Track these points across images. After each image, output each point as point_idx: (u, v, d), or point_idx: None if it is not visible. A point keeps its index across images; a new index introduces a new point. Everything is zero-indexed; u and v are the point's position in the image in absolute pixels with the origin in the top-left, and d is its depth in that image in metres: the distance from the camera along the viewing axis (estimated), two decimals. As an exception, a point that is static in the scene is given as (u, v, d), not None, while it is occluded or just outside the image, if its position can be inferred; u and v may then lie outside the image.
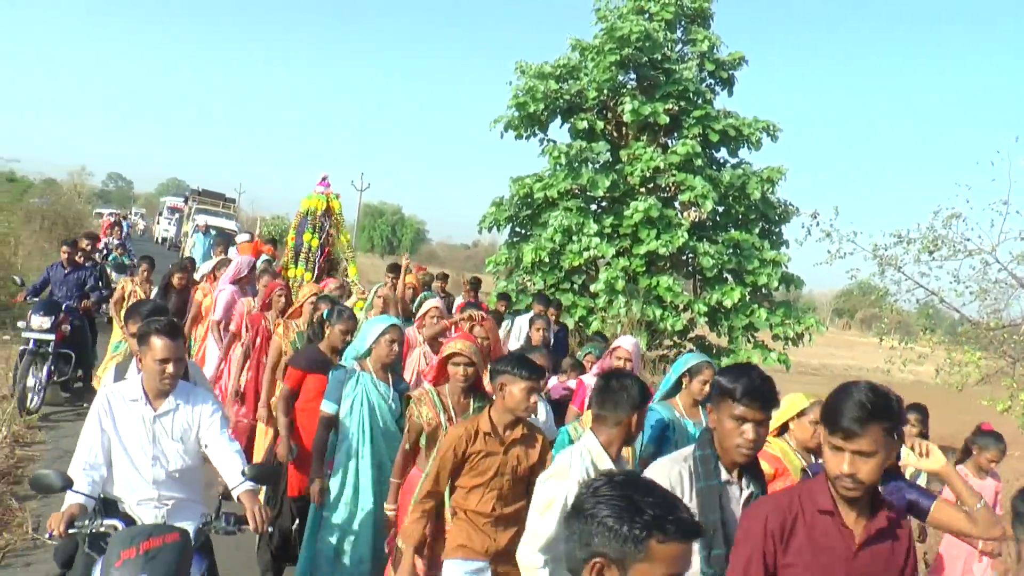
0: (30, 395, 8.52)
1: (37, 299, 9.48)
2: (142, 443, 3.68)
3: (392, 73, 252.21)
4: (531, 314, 9.94)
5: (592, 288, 13.13)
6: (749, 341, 13.41)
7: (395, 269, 10.04)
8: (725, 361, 13.08)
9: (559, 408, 5.84)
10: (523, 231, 14.52)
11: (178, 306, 9.36)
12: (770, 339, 13.54)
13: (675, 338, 13.65)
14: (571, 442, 4.27)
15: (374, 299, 7.75)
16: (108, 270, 14.10)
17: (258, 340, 7.35)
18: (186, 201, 36.66)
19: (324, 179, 10.47)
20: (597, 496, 1.80)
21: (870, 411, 2.34)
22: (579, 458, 3.26)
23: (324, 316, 5.88)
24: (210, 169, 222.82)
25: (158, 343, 3.58)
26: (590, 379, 5.66)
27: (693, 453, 2.95)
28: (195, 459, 3.80)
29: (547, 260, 13.23)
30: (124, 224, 29.45)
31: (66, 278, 9.83)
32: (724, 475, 2.90)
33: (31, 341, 8.73)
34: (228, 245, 14.33)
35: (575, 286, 13.54)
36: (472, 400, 4.46)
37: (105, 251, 17.23)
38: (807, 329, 13.24)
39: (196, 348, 8.78)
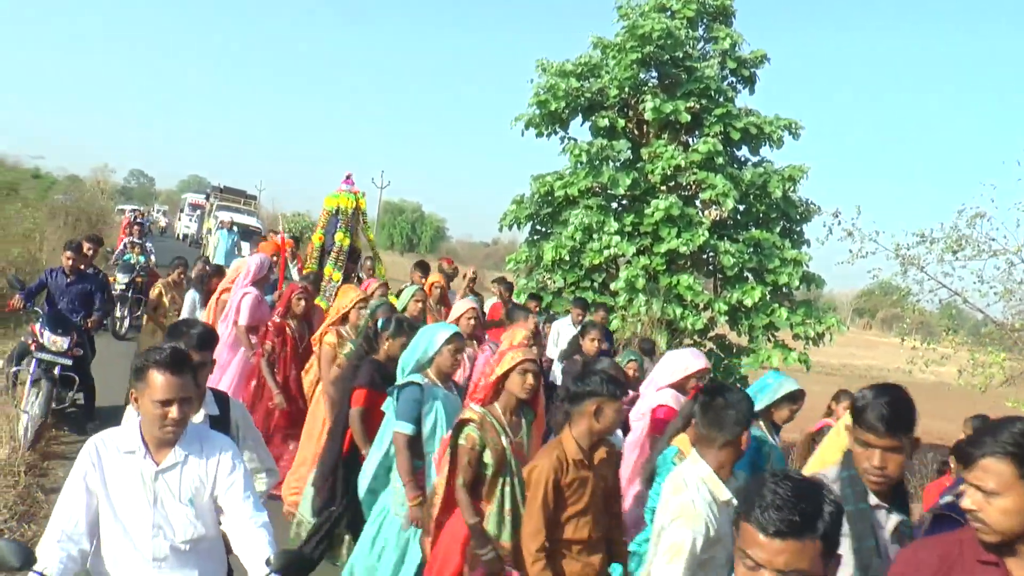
0: (28, 425, 7.26)
1: (34, 308, 8.22)
2: (140, 507, 2.83)
3: (412, 70, 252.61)
4: (569, 318, 9.74)
5: (612, 286, 13.10)
6: (769, 340, 13.34)
7: (423, 268, 9.95)
8: (745, 360, 13.05)
9: None
10: (544, 229, 14.51)
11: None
12: (790, 338, 13.47)
13: (695, 337, 13.60)
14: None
15: (411, 303, 7.39)
16: (115, 272, 13.40)
17: (286, 349, 7.10)
18: (207, 198, 36.93)
19: (348, 177, 10.24)
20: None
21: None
22: (698, 492, 3.03)
23: (379, 326, 5.56)
24: (231, 166, 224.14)
25: (158, 379, 2.74)
26: (666, 398, 5.11)
27: (839, 474, 2.79)
28: (211, 526, 2.94)
29: (567, 258, 13.20)
30: (144, 221, 29.49)
31: (68, 288, 8.37)
32: (872, 499, 2.72)
33: (35, 362, 7.48)
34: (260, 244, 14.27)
35: (595, 284, 13.52)
36: (522, 417, 4.19)
37: (121, 250, 16.70)
38: (828, 329, 13.15)
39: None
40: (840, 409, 6.62)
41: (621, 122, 13.74)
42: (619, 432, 5.11)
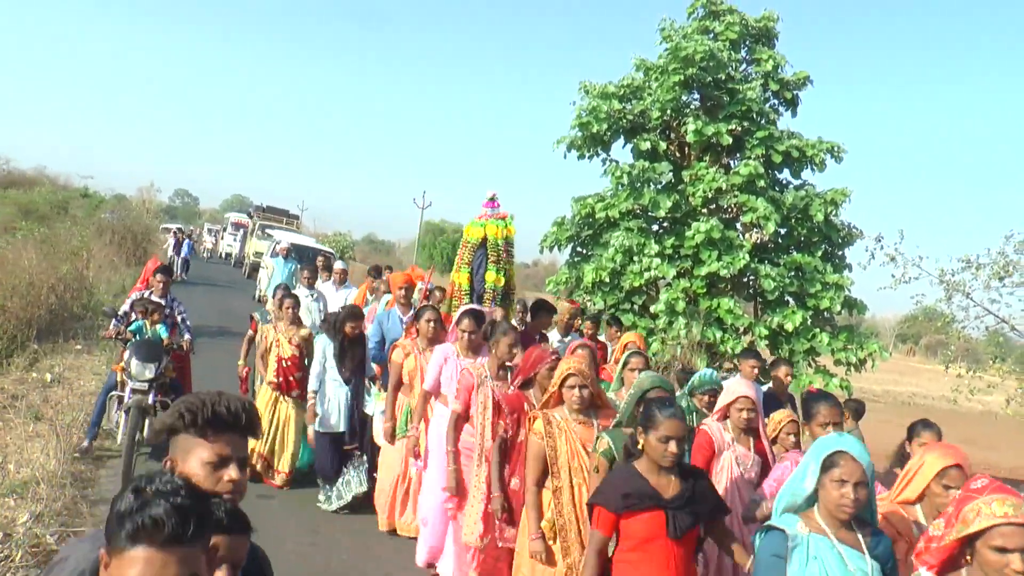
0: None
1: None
2: None
3: (454, 91, 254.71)
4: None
5: (652, 309, 13.05)
6: (810, 366, 13.18)
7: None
8: (792, 387, 12.88)
9: None
10: (584, 251, 14.51)
11: (357, 363, 7.52)
12: (832, 364, 13.29)
13: (735, 361, 13.49)
14: None
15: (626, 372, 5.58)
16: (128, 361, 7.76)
17: (521, 433, 5.09)
18: (250, 217, 37.49)
19: (493, 199, 7.53)
20: None
21: None
22: None
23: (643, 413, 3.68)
24: (273, 186, 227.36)
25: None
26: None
27: None
28: None
29: (608, 280, 13.19)
30: (186, 245, 29.36)
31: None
32: None
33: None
34: (327, 267, 12.27)
35: (635, 307, 13.47)
36: None
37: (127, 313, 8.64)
38: (870, 355, 12.96)
39: (415, 424, 6.45)
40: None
41: (663, 144, 13.74)
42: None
